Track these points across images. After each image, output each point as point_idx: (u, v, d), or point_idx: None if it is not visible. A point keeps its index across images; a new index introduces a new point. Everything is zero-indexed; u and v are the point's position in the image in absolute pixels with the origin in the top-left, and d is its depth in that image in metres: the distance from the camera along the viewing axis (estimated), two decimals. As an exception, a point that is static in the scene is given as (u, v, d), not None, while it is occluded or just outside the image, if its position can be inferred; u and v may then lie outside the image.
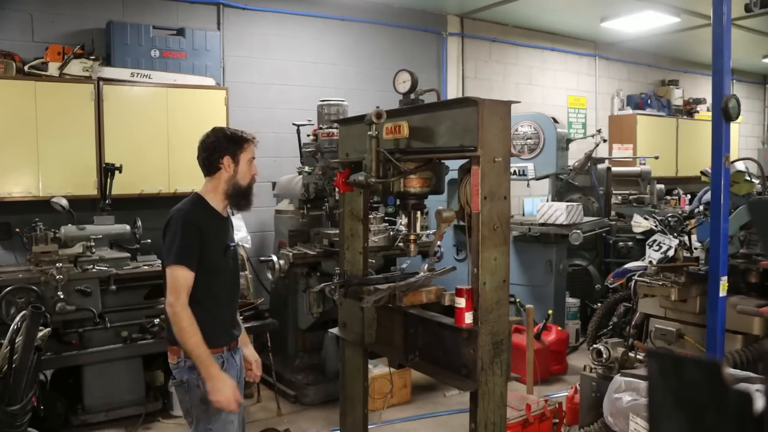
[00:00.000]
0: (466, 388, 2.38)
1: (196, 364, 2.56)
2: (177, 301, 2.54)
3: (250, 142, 2.80)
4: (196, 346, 2.53)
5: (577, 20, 8.36)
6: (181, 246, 2.58)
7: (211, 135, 2.76)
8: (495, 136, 2.30)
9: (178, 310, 2.54)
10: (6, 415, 3.27)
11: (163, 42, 5.51)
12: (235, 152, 2.73)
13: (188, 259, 2.58)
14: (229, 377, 2.61)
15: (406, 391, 5.03)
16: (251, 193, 2.82)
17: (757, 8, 4.29)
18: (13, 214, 5.09)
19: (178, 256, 2.57)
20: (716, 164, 3.85)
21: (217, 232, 2.72)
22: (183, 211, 2.66)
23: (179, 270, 2.56)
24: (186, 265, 2.57)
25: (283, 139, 6.39)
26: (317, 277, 4.81)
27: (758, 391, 0.65)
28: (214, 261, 2.68)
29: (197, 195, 2.76)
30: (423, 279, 2.72)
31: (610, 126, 9.70)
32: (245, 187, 2.77)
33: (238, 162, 2.73)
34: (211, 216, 2.73)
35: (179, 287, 2.55)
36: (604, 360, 3.75)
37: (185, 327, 2.53)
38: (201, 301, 2.63)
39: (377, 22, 7.23)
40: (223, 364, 2.68)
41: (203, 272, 2.63)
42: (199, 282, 2.61)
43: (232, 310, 2.85)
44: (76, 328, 4.40)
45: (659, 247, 5.08)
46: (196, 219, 2.65)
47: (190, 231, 2.60)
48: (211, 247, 2.66)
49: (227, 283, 2.79)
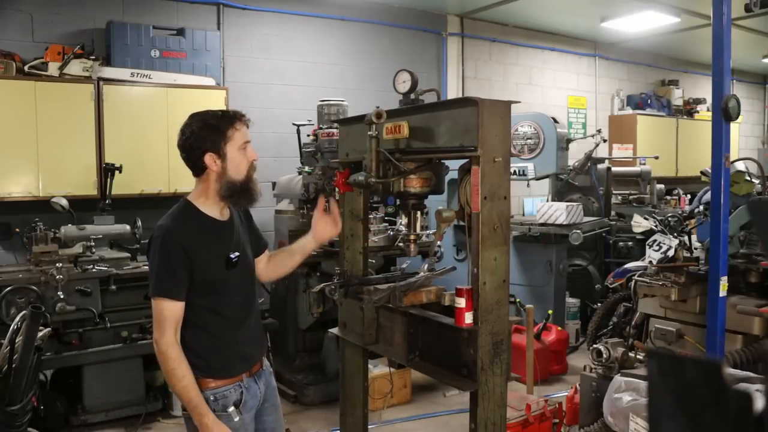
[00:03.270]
0: (466, 388, 2.37)
1: (189, 410, 2.19)
2: (161, 338, 2.16)
3: (236, 123, 2.26)
4: (184, 390, 2.16)
5: (577, 20, 8.36)
6: (160, 274, 2.18)
7: (187, 128, 2.26)
8: (495, 136, 2.30)
9: (163, 349, 2.15)
10: (6, 415, 3.27)
11: (163, 42, 5.51)
12: (218, 145, 2.23)
13: (170, 288, 2.17)
14: (224, 427, 2.21)
15: (406, 391, 5.03)
16: (251, 185, 2.32)
17: (757, 8, 4.30)
18: (13, 214, 5.10)
19: (156, 288, 2.18)
20: (716, 164, 3.85)
21: (212, 245, 2.27)
22: (163, 229, 2.22)
23: (161, 303, 2.17)
24: (168, 296, 2.17)
25: (283, 139, 6.39)
26: (317, 277, 4.81)
27: (758, 391, 0.65)
28: (214, 279, 2.26)
29: (185, 202, 2.32)
30: (423, 279, 2.71)
31: (610, 126, 9.71)
32: (242, 182, 2.28)
33: (225, 155, 2.24)
34: (203, 226, 2.28)
35: (162, 322, 2.16)
36: (604, 360, 3.75)
37: (172, 369, 2.15)
38: (207, 327, 2.27)
39: (377, 22, 7.23)
40: (242, 395, 2.31)
41: (204, 295, 2.24)
42: (200, 306, 2.24)
43: (249, 327, 2.39)
44: (76, 328, 4.40)
45: (659, 247, 5.08)
46: (181, 237, 2.20)
47: (172, 254, 2.17)
48: (207, 264, 2.24)
49: (237, 299, 2.35)
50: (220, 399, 2.27)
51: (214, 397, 2.26)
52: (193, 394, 2.17)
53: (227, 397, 2.28)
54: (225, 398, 2.27)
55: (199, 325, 2.25)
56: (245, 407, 2.32)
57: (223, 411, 2.26)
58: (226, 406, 2.27)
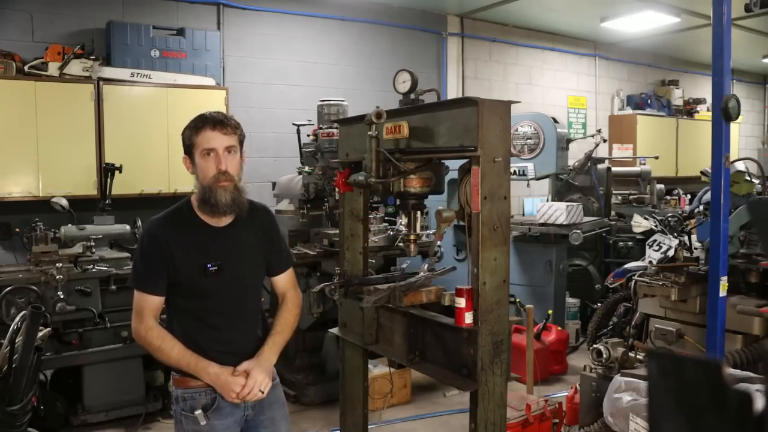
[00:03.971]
0: (466, 388, 2.37)
1: (194, 374, 2.20)
2: (140, 324, 2.21)
3: (204, 129, 2.19)
4: (181, 358, 2.18)
5: (577, 20, 8.36)
6: (138, 266, 2.26)
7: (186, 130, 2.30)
8: (495, 136, 2.30)
9: (143, 334, 2.20)
10: (6, 415, 3.27)
11: (163, 42, 5.52)
12: (189, 148, 2.25)
13: (146, 282, 2.23)
14: (229, 370, 2.22)
15: (406, 391, 5.03)
16: (214, 196, 2.20)
17: (757, 8, 4.30)
18: (13, 214, 5.10)
19: (134, 280, 2.27)
20: (716, 164, 3.85)
21: (192, 250, 2.24)
22: (152, 223, 2.28)
23: (139, 294, 2.24)
24: (143, 290, 2.23)
25: (283, 139, 6.39)
26: (317, 277, 4.81)
27: (758, 391, 0.65)
28: (189, 284, 2.24)
29: (184, 202, 2.35)
30: (423, 279, 2.71)
31: (610, 126, 9.71)
32: (205, 189, 2.21)
33: (194, 161, 2.25)
34: (189, 229, 2.27)
35: (137, 311, 2.22)
36: (604, 360, 3.75)
37: (159, 346, 2.18)
38: (183, 328, 2.28)
39: (377, 22, 7.23)
40: (215, 401, 2.25)
41: (182, 297, 2.27)
42: (180, 307, 2.29)
43: (233, 339, 2.32)
44: (76, 328, 4.40)
45: (659, 247, 5.08)
46: (165, 232, 2.24)
47: (152, 248, 2.22)
48: (183, 268, 2.22)
49: (219, 308, 2.30)
50: (188, 399, 2.28)
51: (183, 397, 2.28)
52: (190, 358, 2.19)
53: (195, 399, 2.27)
54: (193, 400, 2.27)
55: (179, 324, 2.28)
56: (218, 413, 2.27)
57: (190, 412, 2.26)
58: (194, 408, 2.26)
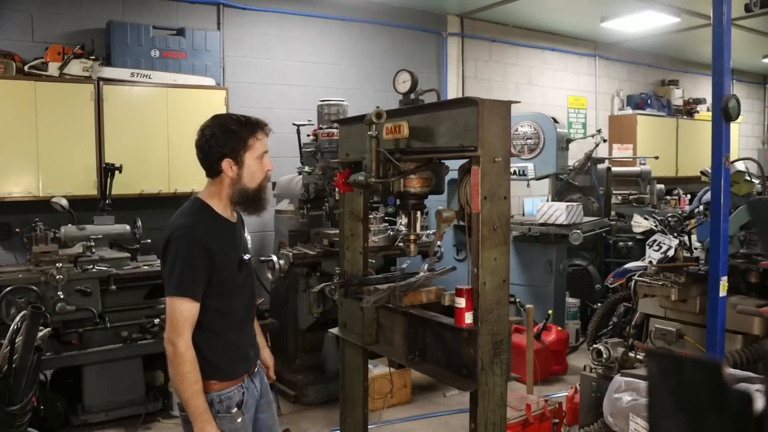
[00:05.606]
0: (466, 388, 2.37)
1: (189, 417, 2.16)
2: (179, 339, 2.13)
3: (258, 133, 2.28)
4: (194, 396, 2.15)
5: (577, 20, 8.36)
6: (183, 273, 2.15)
7: (207, 130, 2.26)
8: (495, 136, 2.30)
9: (181, 351, 2.12)
10: (6, 415, 3.27)
11: (163, 42, 5.51)
12: (237, 152, 2.24)
13: (192, 289, 2.16)
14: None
15: (406, 391, 5.03)
16: (263, 195, 2.35)
17: (757, 8, 4.30)
18: (13, 214, 5.10)
19: (179, 287, 2.15)
20: (716, 164, 3.85)
21: (228, 247, 2.29)
22: (186, 229, 2.19)
23: (181, 303, 2.14)
24: (190, 296, 2.15)
25: (283, 139, 6.37)
26: (317, 277, 4.81)
27: (758, 391, 0.65)
28: (227, 281, 2.27)
29: (200, 201, 2.30)
30: (423, 279, 2.71)
31: (610, 126, 9.70)
32: (254, 190, 2.31)
33: (243, 163, 2.26)
34: (220, 226, 2.29)
35: (181, 322, 2.14)
36: (604, 360, 3.75)
37: (186, 372, 2.13)
38: (214, 329, 2.26)
39: (377, 22, 7.23)
40: (244, 396, 2.33)
41: (215, 296, 2.23)
42: (210, 308, 2.22)
43: (249, 328, 2.46)
44: (76, 328, 4.40)
45: (659, 247, 5.08)
46: (203, 235, 2.20)
47: (196, 253, 2.16)
48: (224, 266, 2.24)
49: (244, 301, 2.38)
50: (224, 400, 2.28)
51: (219, 399, 2.27)
52: (201, 401, 2.16)
53: (231, 398, 2.30)
54: (229, 399, 2.29)
55: (208, 326, 2.24)
56: (246, 407, 2.35)
57: (227, 412, 2.28)
58: (230, 407, 2.29)
